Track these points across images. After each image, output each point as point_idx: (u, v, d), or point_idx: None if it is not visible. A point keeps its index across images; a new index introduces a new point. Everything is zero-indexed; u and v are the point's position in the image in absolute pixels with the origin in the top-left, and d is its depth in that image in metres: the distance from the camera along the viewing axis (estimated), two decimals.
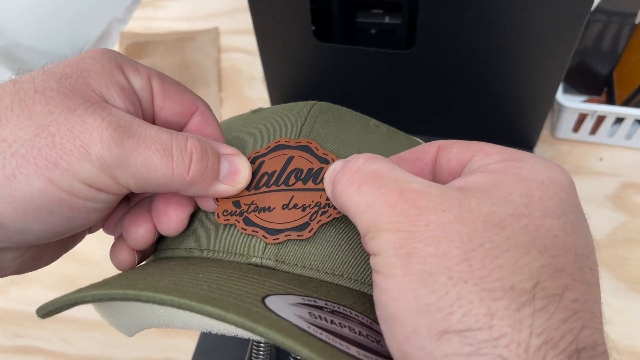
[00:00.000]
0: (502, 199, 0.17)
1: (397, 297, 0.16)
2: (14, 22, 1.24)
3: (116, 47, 0.80)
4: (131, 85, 0.24)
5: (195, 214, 0.27)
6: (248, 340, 0.42)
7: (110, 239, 0.31)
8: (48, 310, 0.20)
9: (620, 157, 0.59)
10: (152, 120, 0.26)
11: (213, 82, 0.72)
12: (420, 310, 0.16)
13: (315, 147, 0.26)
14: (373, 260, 0.18)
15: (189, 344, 0.49)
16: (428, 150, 0.23)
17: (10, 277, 0.56)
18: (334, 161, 0.26)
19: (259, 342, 0.33)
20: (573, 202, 0.18)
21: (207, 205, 0.26)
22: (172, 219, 0.26)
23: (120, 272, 0.26)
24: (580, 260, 0.17)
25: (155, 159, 0.21)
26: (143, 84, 0.24)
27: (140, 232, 0.26)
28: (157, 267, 0.24)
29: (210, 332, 0.22)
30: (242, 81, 0.73)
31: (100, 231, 0.31)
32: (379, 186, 0.18)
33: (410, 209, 0.17)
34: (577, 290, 0.16)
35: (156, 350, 0.50)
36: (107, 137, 0.20)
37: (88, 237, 0.60)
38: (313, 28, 0.49)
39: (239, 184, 0.25)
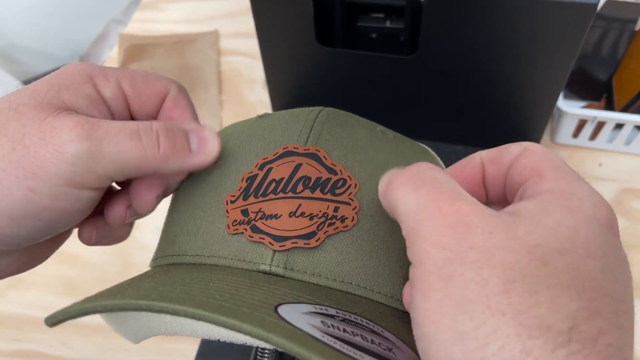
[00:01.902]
0: (550, 230, 0.17)
1: (434, 319, 0.16)
2: (11, 23, 1.24)
3: (115, 49, 0.80)
4: (101, 95, 0.26)
5: (203, 221, 0.27)
6: (251, 346, 0.42)
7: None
8: (58, 320, 0.20)
9: (620, 163, 0.59)
10: (131, 117, 0.28)
11: (213, 85, 0.72)
12: (456, 337, 0.16)
13: (324, 156, 0.26)
14: (412, 271, 0.18)
15: (190, 348, 0.49)
16: (473, 158, 0.23)
17: (9, 281, 0.56)
18: (342, 172, 0.26)
19: (263, 349, 0.33)
20: (614, 244, 0.18)
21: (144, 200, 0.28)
22: (143, 200, 0.28)
23: (130, 278, 0.26)
24: (616, 305, 0.17)
25: (125, 143, 0.23)
26: (114, 92, 0.26)
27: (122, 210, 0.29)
28: (167, 275, 0.24)
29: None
30: (242, 84, 0.72)
31: None
32: (434, 192, 0.18)
33: (459, 223, 0.17)
34: (611, 335, 0.16)
35: (156, 355, 0.50)
36: (76, 134, 0.22)
37: None
38: (315, 32, 0.49)
39: (211, 153, 0.26)
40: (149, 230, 0.58)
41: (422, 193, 0.19)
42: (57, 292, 0.54)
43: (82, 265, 0.56)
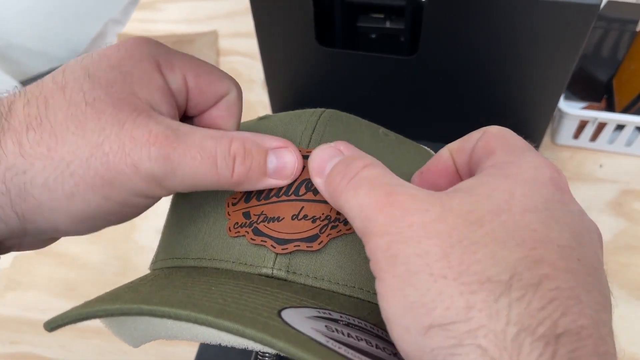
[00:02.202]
0: (484, 196, 0.18)
1: (389, 299, 0.17)
2: (9, 23, 1.23)
3: None
4: (169, 86, 0.24)
5: (203, 224, 0.27)
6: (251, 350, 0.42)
7: (106, 244, 0.31)
8: (57, 325, 0.19)
9: (620, 164, 0.59)
10: (185, 113, 0.27)
11: None
12: (407, 309, 0.17)
13: None
14: (370, 267, 0.19)
15: (189, 350, 0.49)
16: (442, 154, 0.24)
17: (6, 282, 0.55)
18: None
19: (264, 353, 0.32)
20: (560, 199, 0.19)
21: None
22: None
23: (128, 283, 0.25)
24: (564, 251, 0.17)
25: (201, 167, 0.22)
26: (179, 84, 0.25)
27: None
28: (167, 279, 0.24)
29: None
30: (241, 84, 0.71)
31: (98, 236, 0.31)
32: (371, 190, 0.19)
33: (395, 210, 0.18)
34: (558, 279, 0.16)
35: (156, 357, 0.49)
36: (154, 153, 0.21)
37: (86, 242, 0.60)
38: (315, 32, 0.49)
39: (287, 178, 0.25)
40: (148, 231, 0.58)
41: (361, 194, 0.20)
42: (56, 294, 0.54)
43: (81, 267, 0.56)
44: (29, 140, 0.21)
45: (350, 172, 0.21)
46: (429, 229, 0.17)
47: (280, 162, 0.25)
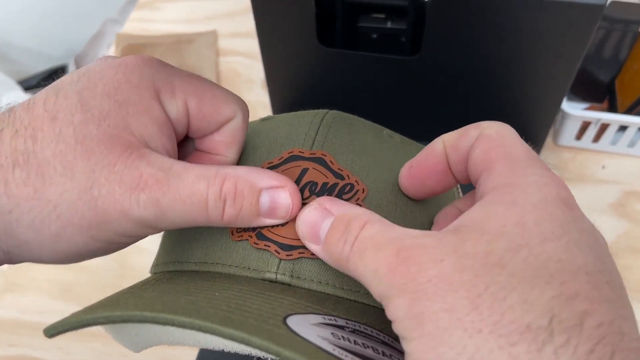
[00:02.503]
0: (496, 233, 0.17)
1: (421, 358, 0.16)
2: (7, 22, 1.23)
3: (112, 49, 0.79)
4: (168, 116, 0.23)
5: (205, 227, 0.26)
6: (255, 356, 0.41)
7: None
8: (57, 331, 0.19)
9: (623, 165, 0.59)
10: (185, 136, 0.26)
11: None
12: None
13: (330, 161, 0.26)
14: (394, 327, 0.18)
15: (189, 353, 0.48)
16: (435, 147, 0.23)
17: (4, 284, 0.54)
18: (349, 177, 0.25)
19: (266, 358, 0.32)
20: (572, 217, 0.18)
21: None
22: None
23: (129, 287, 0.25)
24: (594, 278, 0.16)
25: (191, 211, 0.22)
26: (179, 111, 0.24)
27: None
28: (170, 284, 0.23)
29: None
30: (241, 85, 0.72)
31: None
32: (376, 251, 0.18)
33: (409, 267, 0.17)
34: (598, 313, 0.15)
35: None
36: (144, 199, 0.21)
37: None
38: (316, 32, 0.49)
39: (282, 218, 0.24)
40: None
41: (370, 258, 0.19)
42: (54, 296, 0.53)
43: (79, 269, 0.55)
44: (15, 179, 0.20)
45: (351, 236, 0.20)
46: (450, 280, 0.16)
47: (274, 203, 0.23)
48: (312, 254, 0.24)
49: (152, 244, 0.57)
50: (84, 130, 0.21)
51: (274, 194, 0.23)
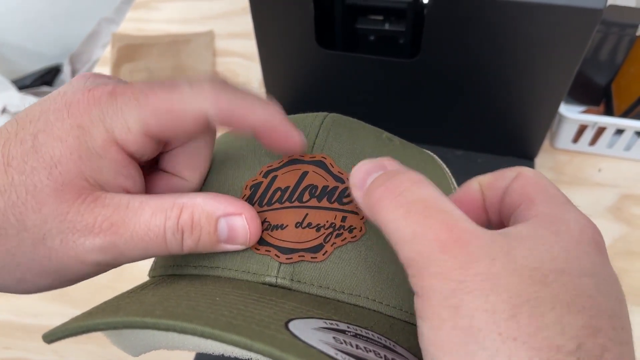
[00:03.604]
0: (545, 253, 0.17)
1: (446, 350, 0.16)
2: (0, 21, 1.22)
3: (107, 49, 0.79)
4: (124, 154, 0.23)
5: None
6: None
7: None
8: (57, 337, 0.19)
9: (619, 169, 0.59)
10: (156, 158, 0.25)
11: None
12: None
13: (330, 164, 0.26)
14: (418, 302, 0.18)
15: (188, 355, 0.48)
16: (471, 187, 0.23)
17: None
18: (349, 181, 0.25)
19: None
20: (602, 261, 0.18)
21: None
22: None
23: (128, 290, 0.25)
24: (614, 321, 0.17)
25: (150, 246, 0.22)
26: (138, 142, 0.22)
27: None
28: (169, 288, 0.23)
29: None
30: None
31: None
32: (426, 216, 0.18)
33: (460, 252, 0.17)
34: (614, 351, 0.16)
35: None
36: (99, 244, 0.21)
37: None
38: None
39: (242, 244, 0.24)
40: None
41: (415, 218, 0.18)
42: (48, 299, 0.53)
43: None
44: None
45: (396, 186, 0.19)
46: (496, 282, 0.16)
47: (232, 230, 0.23)
48: (312, 258, 0.24)
49: None
50: (35, 179, 0.21)
51: (231, 221, 0.23)
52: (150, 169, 0.26)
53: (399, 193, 0.19)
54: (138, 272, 0.55)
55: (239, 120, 0.23)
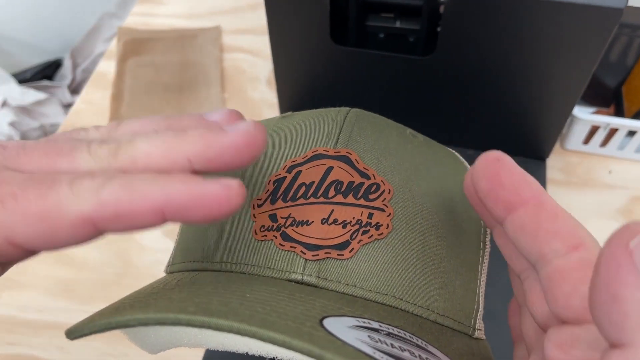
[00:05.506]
0: None
1: None
2: (0, 14, 1.21)
3: (112, 43, 0.78)
4: None
5: (227, 225, 0.25)
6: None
7: (107, 243, 0.28)
8: (81, 334, 0.18)
9: (629, 171, 0.59)
10: None
11: (215, 82, 0.70)
12: None
13: (356, 159, 0.25)
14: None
15: (194, 354, 0.47)
16: None
17: (2, 281, 0.53)
18: (375, 177, 0.25)
19: None
20: None
21: None
22: None
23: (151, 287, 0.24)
24: None
25: None
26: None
27: None
28: (196, 285, 0.22)
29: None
30: (245, 82, 0.71)
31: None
32: None
33: None
34: None
35: None
36: None
37: None
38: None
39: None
40: (150, 231, 0.56)
41: None
42: (54, 294, 0.52)
43: (80, 266, 0.54)
44: None
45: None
46: None
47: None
48: (338, 255, 0.23)
49: (153, 242, 0.57)
50: None
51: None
52: None
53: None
54: (143, 269, 0.55)
55: (132, 217, 0.18)
